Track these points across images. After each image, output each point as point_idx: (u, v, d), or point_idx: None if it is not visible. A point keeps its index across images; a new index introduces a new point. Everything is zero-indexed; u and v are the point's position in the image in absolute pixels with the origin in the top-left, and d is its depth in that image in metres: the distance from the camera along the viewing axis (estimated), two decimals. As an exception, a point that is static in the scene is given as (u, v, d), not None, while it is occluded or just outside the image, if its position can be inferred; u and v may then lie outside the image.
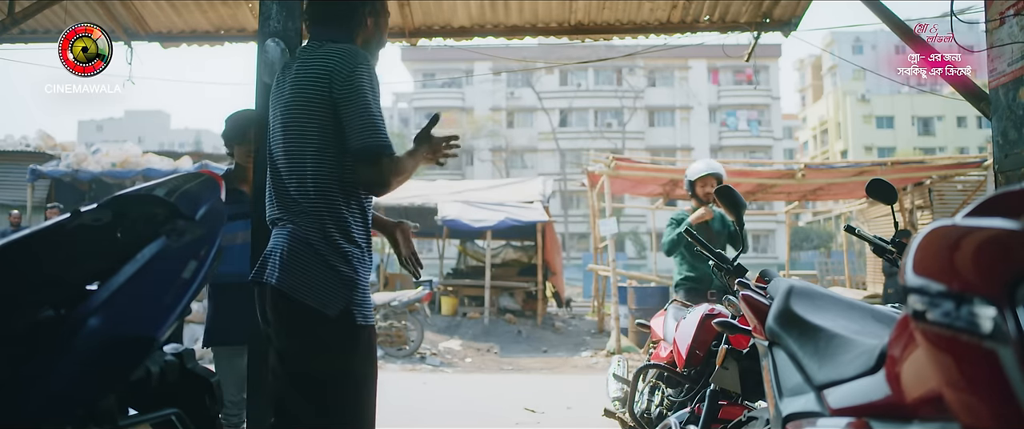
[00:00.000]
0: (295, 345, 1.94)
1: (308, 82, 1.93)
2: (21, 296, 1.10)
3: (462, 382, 8.16)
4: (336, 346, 1.92)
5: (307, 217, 1.92)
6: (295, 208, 1.94)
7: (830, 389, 1.30)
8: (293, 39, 2.59)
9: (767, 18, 5.72)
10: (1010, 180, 3.24)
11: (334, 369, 1.92)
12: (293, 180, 1.95)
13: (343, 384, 1.93)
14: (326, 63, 1.92)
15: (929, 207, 12.20)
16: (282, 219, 1.97)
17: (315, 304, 1.88)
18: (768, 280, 2.17)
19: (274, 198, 2.02)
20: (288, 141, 1.97)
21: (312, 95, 1.92)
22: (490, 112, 43.37)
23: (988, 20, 3.35)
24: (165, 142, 52.97)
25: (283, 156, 1.99)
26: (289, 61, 2.13)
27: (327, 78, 1.90)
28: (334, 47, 1.97)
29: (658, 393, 3.42)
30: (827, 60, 52.07)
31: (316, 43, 2.04)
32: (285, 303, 1.90)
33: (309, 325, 1.90)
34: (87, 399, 1.09)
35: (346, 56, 1.93)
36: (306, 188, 1.93)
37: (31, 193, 12.72)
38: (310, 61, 1.97)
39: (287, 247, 1.91)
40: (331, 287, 1.90)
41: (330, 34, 2.06)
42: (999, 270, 0.74)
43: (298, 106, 1.95)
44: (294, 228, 1.93)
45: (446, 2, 5.62)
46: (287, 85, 2.00)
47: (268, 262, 1.96)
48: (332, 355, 1.92)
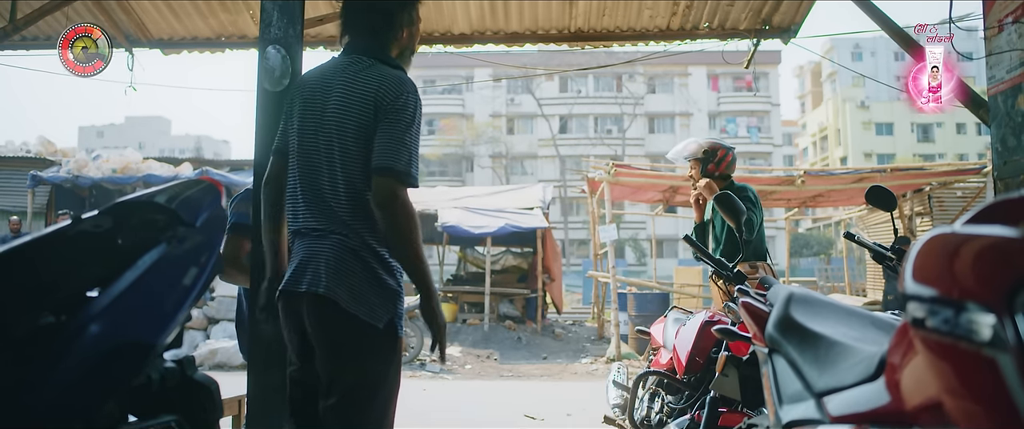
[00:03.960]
0: (344, 355, 1.92)
1: (357, 100, 1.95)
2: (22, 302, 1.10)
3: (462, 388, 8.14)
4: (383, 357, 1.95)
5: (353, 229, 1.92)
6: (339, 219, 1.93)
7: (830, 396, 1.30)
8: (294, 46, 2.60)
9: (766, 25, 5.74)
10: (1009, 187, 3.25)
11: (380, 379, 1.94)
12: (337, 192, 1.94)
13: (387, 394, 1.96)
14: (379, 86, 1.95)
15: (929, 214, 12.20)
16: (321, 229, 1.95)
17: (365, 316, 1.89)
18: (768, 287, 2.17)
19: (310, 208, 1.98)
20: (333, 153, 1.95)
21: (360, 114, 1.93)
22: (490, 118, 43.44)
23: (986, 27, 3.37)
24: (166, 148, 53.08)
25: (326, 167, 1.96)
26: (323, 71, 2.08)
27: (374, 100, 1.93)
28: (387, 71, 2.00)
29: (658, 400, 3.41)
30: (826, 67, 52.19)
31: (362, 60, 2.02)
32: (334, 313, 1.89)
33: (358, 336, 1.91)
34: (87, 405, 1.09)
35: (398, 84, 1.96)
36: (353, 201, 1.93)
37: (31, 199, 12.72)
38: (359, 79, 1.98)
39: (333, 257, 1.91)
40: (379, 299, 1.92)
41: (367, 43, 2.06)
42: (998, 278, 0.74)
43: (345, 121, 1.95)
44: (340, 239, 1.92)
45: (447, 9, 5.63)
46: (331, 98, 1.98)
47: (307, 271, 1.93)
48: (379, 366, 1.95)
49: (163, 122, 65.06)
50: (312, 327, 1.94)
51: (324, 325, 1.92)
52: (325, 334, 1.93)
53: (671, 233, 34.27)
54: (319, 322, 1.92)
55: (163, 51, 6.11)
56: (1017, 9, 3.17)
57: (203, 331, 9.84)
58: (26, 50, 5.97)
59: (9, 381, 1.03)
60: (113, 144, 42.09)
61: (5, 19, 5.22)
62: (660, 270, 19.46)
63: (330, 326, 1.91)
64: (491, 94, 42.81)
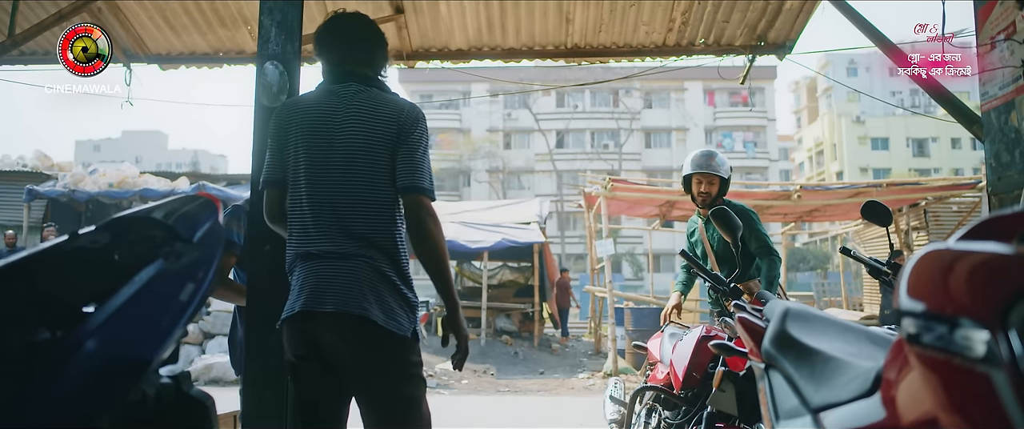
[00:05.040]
0: (385, 369, 2.03)
1: (377, 125, 2.06)
2: (18, 317, 1.09)
3: (459, 404, 8.10)
4: (413, 365, 2.07)
5: (379, 248, 2.02)
6: (365, 241, 2.02)
7: (826, 412, 1.30)
8: (292, 62, 2.61)
9: (761, 41, 5.78)
10: (1003, 202, 3.26)
11: (418, 381, 2.08)
12: (359, 214, 2.03)
13: (424, 392, 2.09)
14: (399, 116, 2.08)
15: (925, 228, 12.22)
16: (343, 252, 2.01)
17: (396, 329, 2.00)
18: (764, 302, 2.18)
19: (328, 231, 2.03)
20: (354, 177, 2.04)
21: (380, 139, 2.05)
22: (487, 133, 43.53)
23: (979, 44, 3.39)
24: (162, 162, 52.98)
25: (348, 192, 2.04)
26: (321, 100, 2.14)
27: (396, 127, 2.06)
28: (399, 100, 2.14)
29: (655, 415, 3.40)
30: (822, 82, 52.48)
31: (366, 89, 2.12)
32: (371, 331, 1.97)
33: (395, 349, 2.02)
34: (82, 421, 1.08)
35: (414, 112, 2.11)
36: (376, 222, 2.04)
37: (27, 213, 12.69)
38: (376, 105, 2.09)
39: (363, 277, 1.99)
40: (404, 311, 2.03)
41: (363, 72, 2.17)
42: (992, 294, 0.75)
43: (368, 148, 2.05)
44: (366, 260, 2.01)
45: (444, 25, 5.66)
46: (347, 126, 2.06)
47: (329, 292, 1.98)
48: (416, 370, 2.08)
49: (160, 136, 65.02)
50: (348, 345, 1.99)
51: (363, 342, 1.99)
52: (364, 351, 2.00)
53: (668, 248, 34.30)
54: (358, 339, 1.99)
55: (161, 66, 6.12)
56: (1009, 27, 3.20)
57: (198, 346, 9.79)
58: (24, 65, 5.98)
59: (5, 397, 1.02)
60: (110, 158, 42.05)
61: (4, 34, 5.24)
62: (657, 285, 19.43)
63: (369, 343, 1.99)
64: (488, 109, 42.94)
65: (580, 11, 5.47)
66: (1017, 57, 3.14)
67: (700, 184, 3.91)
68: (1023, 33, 3.12)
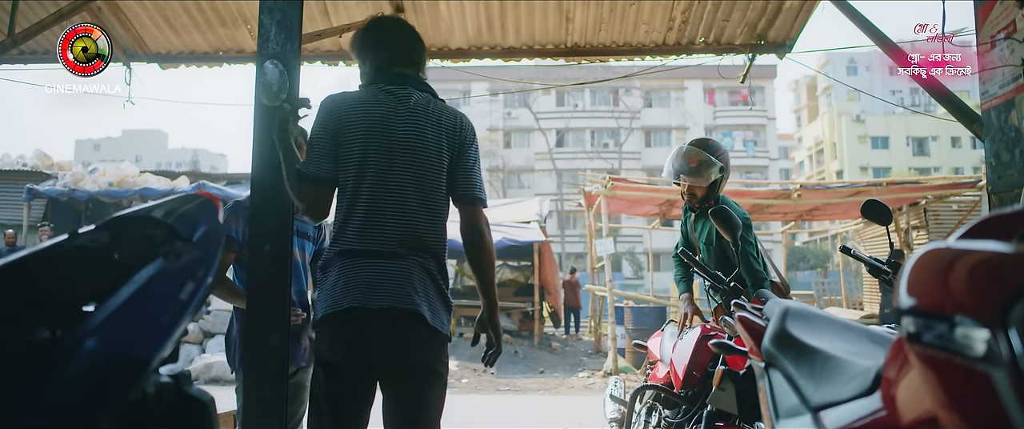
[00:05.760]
0: (427, 364, 2.09)
1: (440, 132, 2.13)
2: (17, 317, 1.09)
3: (458, 403, 8.10)
4: (446, 366, 2.17)
5: (430, 250, 2.11)
6: (419, 242, 2.09)
7: (826, 411, 1.30)
8: (292, 61, 2.60)
9: (761, 40, 5.78)
10: (1003, 201, 3.26)
11: (444, 387, 2.17)
12: (419, 216, 2.09)
13: (444, 398, 2.17)
14: (453, 123, 2.16)
15: (925, 227, 12.22)
16: (397, 252, 2.05)
17: (441, 327, 2.09)
18: (764, 301, 2.18)
19: (385, 230, 2.06)
20: (416, 179, 2.09)
21: (443, 145, 2.13)
22: (487, 132, 43.51)
23: (979, 43, 3.39)
24: (162, 161, 52.98)
25: (411, 191, 2.09)
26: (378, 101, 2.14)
27: (458, 138, 2.16)
28: (458, 111, 2.22)
29: (655, 414, 3.40)
30: (822, 81, 52.47)
31: (421, 94, 2.17)
32: (421, 328, 2.04)
33: (439, 347, 2.11)
34: (82, 421, 1.08)
35: (471, 125, 2.24)
36: (430, 225, 2.11)
37: (27, 212, 12.69)
38: (438, 114, 2.15)
39: (416, 277, 2.05)
40: (445, 312, 2.13)
41: (417, 81, 2.23)
42: (992, 293, 0.75)
43: (425, 152, 2.11)
44: (418, 261, 2.08)
45: (444, 24, 5.66)
46: (407, 129, 2.09)
47: (381, 288, 2.02)
48: (443, 374, 2.16)
49: (160, 135, 64.99)
50: (395, 340, 2.03)
51: (414, 337, 2.05)
52: (413, 346, 2.06)
53: (668, 246, 34.21)
54: (409, 334, 2.05)
55: (161, 65, 6.12)
56: (1009, 25, 3.20)
57: (198, 345, 9.80)
58: (24, 64, 5.98)
59: (4, 396, 1.02)
60: (110, 157, 41.99)
61: (4, 33, 5.24)
62: (657, 283, 19.43)
63: (419, 338, 2.05)
64: (488, 108, 42.92)
65: (580, 10, 5.46)
66: (1017, 56, 3.14)
67: (683, 185, 3.55)
68: (1023, 32, 3.12)
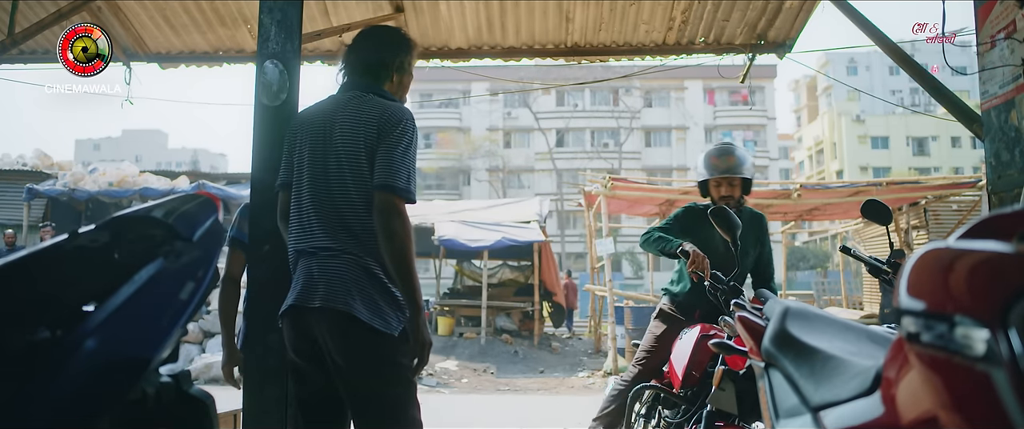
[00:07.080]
0: (370, 366, 2.02)
1: (363, 128, 2.09)
2: (18, 317, 1.09)
3: (459, 403, 8.11)
4: (400, 365, 2.05)
5: (366, 247, 2.05)
6: (354, 239, 2.05)
7: (826, 411, 1.30)
8: (291, 60, 2.61)
9: (761, 40, 5.77)
10: (1003, 201, 3.26)
11: (406, 380, 2.06)
12: (350, 213, 2.07)
13: (413, 391, 2.07)
14: (381, 114, 2.10)
15: (925, 227, 12.22)
16: (334, 249, 2.05)
17: (381, 326, 2.00)
18: (764, 301, 2.18)
19: (323, 229, 2.08)
20: (344, 178, 2.08)
21: (363, 138, 2.08)
22: (487, 132, 43.50)
23: (979, 43, 3.39)
24: (162, 161, 53.00)
25: (338, 192, 2.08)
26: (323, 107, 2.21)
27: (377, 127, 2.08)
28: (387, 102, 2.16)
29: (655, 414, 3.40)
30: (822, 81, 52.47)
31: (360, 94, 2.17)
32: (356, 328, 1.98)
33: (381, 346, 2.01)
34: (83, 420, 1.08)
35: (398, 112, 2.13)
36: (364, 221, 2.05)
37: (27, 212, 12.69)
38: (362, 109, 2.12)
39: (350, 275, 2.02)
40: (392, 309, 2.04)
41: (363, 81, 2.22)
42: (992, 292, 0.75)
43: (353, 147, 2.08)
44: (354, 258, 2.04)
45: (444, 24, 5.66)
46: (337, 128, 2.11)
47: (319, 288, 2.01)
48: (402, 371, 2.05)
49: (160, 135, 65.01)
50: (334, 341, 2.01)
51: (347, 338, 2.00)
52: (348, 347, 2.01)
53: (668, 246, 34.14)
54: (342, 335, 2.00)
55: (161, 65, 6.12)
56: (1009, 25, 3.20)
57: (199, 345, 9.80)
58: (24, 64, 5.98)
59: (5, 396, 1.02)
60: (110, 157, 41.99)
61: (3, 33, 5.24)
62: (657, 283, 19.40)
63: (353, 339, 2.00)
64: (488, 108, 42.91)
65: (580, 10, 5.46)
66: (1017, 56, 3.14)
67: (719, 187, 3.34)
68: (1023, 32, 3.12)
